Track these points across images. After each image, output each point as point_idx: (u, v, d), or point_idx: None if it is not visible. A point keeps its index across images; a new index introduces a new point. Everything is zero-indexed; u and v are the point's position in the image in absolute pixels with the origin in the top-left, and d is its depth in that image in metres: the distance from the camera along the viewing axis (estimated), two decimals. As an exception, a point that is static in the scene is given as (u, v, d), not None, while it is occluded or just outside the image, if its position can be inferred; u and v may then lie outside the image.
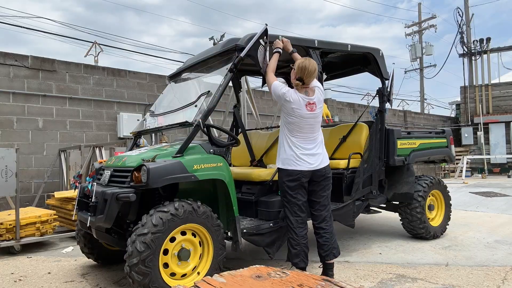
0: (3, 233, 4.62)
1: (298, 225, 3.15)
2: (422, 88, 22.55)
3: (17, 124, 6.99)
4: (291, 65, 3.31)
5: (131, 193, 2.90)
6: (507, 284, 3.20)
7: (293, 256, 3.13)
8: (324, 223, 3.21)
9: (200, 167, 3.03)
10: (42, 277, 3.74)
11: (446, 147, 5.20)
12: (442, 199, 4.97)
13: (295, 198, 3.14)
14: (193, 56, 4.32)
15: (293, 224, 3.14)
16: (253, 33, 3.43)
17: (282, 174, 3.18)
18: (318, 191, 3.21)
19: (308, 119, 3.11)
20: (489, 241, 4.67)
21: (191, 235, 3.01)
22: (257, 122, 8.69)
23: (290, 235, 3.17)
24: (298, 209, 3.15)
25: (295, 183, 3.12)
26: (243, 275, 2.18)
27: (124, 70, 8.52)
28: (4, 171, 4.56)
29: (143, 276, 2.69)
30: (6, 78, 6.91)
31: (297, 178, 3.11)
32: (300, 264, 3.12)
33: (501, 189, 10.19)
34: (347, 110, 13.97)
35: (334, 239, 3.23)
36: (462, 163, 14.77)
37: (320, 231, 3.21)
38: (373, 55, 4.42)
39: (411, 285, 3.22)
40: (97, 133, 8.00)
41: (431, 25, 22.01)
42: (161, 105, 4.15)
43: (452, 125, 19.17)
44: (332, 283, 2.03)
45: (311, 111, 3.10)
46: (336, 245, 3.23)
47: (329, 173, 3.24)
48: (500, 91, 18.04)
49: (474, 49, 18.56)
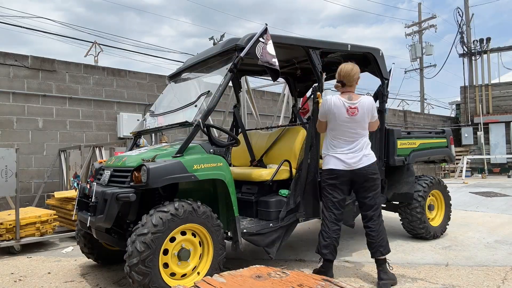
0: (3, 233, 4.61)
1: (332, 221, 3.31)
2: (422, 88, 22.56)
3: (17, 124, 6.99)
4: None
5: (131, 193, 2.90)
6: (507, 284, 3.20)
7: (323, 247, 3.27)
8: (371, 222, 3.29)
9: (200, 167, 3.03)
10: (42, 277, 3.74)
11: (446, 147, 5.20)
12: (442, 199, 4.97)
13: (331, 195, 3.31)
14: (193, 56, 4.32)
15: (327, 219, 3.32)
16: (253, 33, 3.43)
17: (323, 171, 3.39)
18: (361, 192, 3.31)
19: (348, 124, 3.22)
20: (489, 241, 4.67)
21: (191, 235, 3.01)
22: (257, 122, 8.70)
23: (322, 228, 3.33)
24: (332, 205, 3.31)
25: (332, 181, 3.29)
26: (243, 275, 2.18)
27: (124, 70, 8.52)
28: (4, 171, 4.56)
29: (143, 276, 2.69)
30: (6, 78, 6.91)
31: (335, 177, 3.27)
32: (328, 256, 3.25)
33: (501, 189, 10.19)
34: (347, 110, 13.97)
35: (381, 238, 3.28)
36: (462, 163, 14.77)
37: (367, 229, 3.32)
38: (373, 55, 4.41)
39: (411, 285, 3.22)
40: (97, 133, 8.00)
41: (431, 25, 22.03)
42: (161, 105, 4.15)
43: (452, 125, 19.17)
44: (332, 283, 2.03)
45: (352, 116, 3.20)
46: (383, 243, 3.27)
47: (371, 174, 3.26)
48: (500, 91, 18.04)
49: (474, 49, 18.57)
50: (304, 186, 3.69)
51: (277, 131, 4.29)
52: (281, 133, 4.20)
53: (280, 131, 4.24)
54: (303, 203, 3.67)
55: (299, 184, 3.67)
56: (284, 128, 4.25)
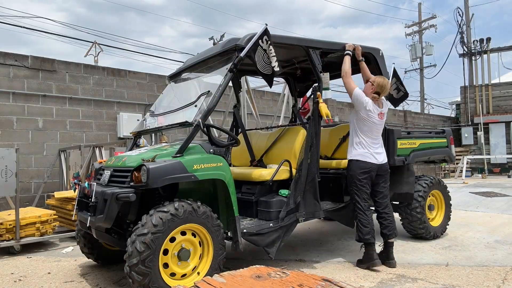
0: (3, 233, 4.61)
1: (367, 209, 3.82)
2: (422, 88, 22.56)
3: (17, 124, 6.99)
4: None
5: (131, 193, 2.90)
6: (507, 284, 3.20)
7: (365, 234, 3.73)
8: (387, 209, 3.90)
9: (200, 167, 3.03)
10: (42, 277, 3.74)
11: (446, 147, 5.19)
12: (442, 199, 4.97)
13: (365, 187, 3.80)
14: (193, 56, 4.32)
15: (363, 208, 3.79)
16: (253, 33, 3.43)
17: (355, 167, 3.81)
18: (381, 183, 3.90)
19: (378, 125, 3.84)
20: (489, 241, 4.67)
21: (191, 235, 3.01)
22: (257, 122, 8.69)
23: (361, 217, 3.78)
24: (366, 196, 3.83)
25: (366, 174, 3.79)
26: (243, 275, 2.18)
27: (124, 70, 8.52)
28: (4, 171, 4.56)
29: (143, 276, 2.69)
30: (6, 78, 6.91)
31: (369, 171, 3.78)
32: (371, 240, 3.72)
33: (501, 189, 10.18)
34: (347, 110, 13.97)
35: (394, 222, 3.92)
36: (462, 163, 14.77)
37: (384, 215, 3.88)
38: (373, 55, 4.41)
39: (411, 285, 3.22)
40: (97, 133, 8.00)
41: (431, 25, 22.00)
42: (161, 105, 4.15)
43: (452, 125, 19.17)
44: (332, 283, 2.03)
45: (381, 119, 3.84)
46: (395, 227, 3.91)
47: (388, 168, 3.97)
48: (500, 91, 18.03)
49: (474, 49, 18.55)
50: (304, 186, 3.69)
51: (277, 131, 4.29)
52: (281, 133, 4.20)
53: (280, 131, 4.24)
54: (303, 203, 3.67)
55: (299, 184, 3.67)
56: (284, 128, 4.25)
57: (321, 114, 3.78)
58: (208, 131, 3.21)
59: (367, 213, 3.80)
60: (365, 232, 3.74)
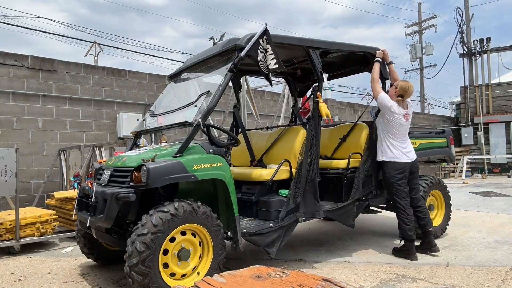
0: (3, 233, 4.61)
1: (408, 207, 4.02)
2: (422, 88, 22.56)
3: (17, 124, 6.99)
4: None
5: (131, 193, 2.89)
6: (507, 284, 3.20)
7: (408, 231, 3.97)
8: (421, 202, 4.18)
9: (200, 167, 3.03)
10: (42, 277, 3.74)
11: (446, 147, 5.19)
12: (442, 199, 4.96)
13: (402, 186, 4.03)
14: (193, 56, 4.31)
15: (404, 206, 4.01)
16: (253, 33, 3.43)
17: (390, 169, 4.05)
18: (412, 179, 4.14)
19: (404, 126, 4.07)
20: (489, 241, 4.67)
21: (191, 235, 3.01)
22: (257, 122, 8.69)
23: (402, 216, 4.01)
24: (405, 195, 4.03)
25: (402, 174, 4.02)
26: (243, 275, 2.18)
27: (124, 70, 8.52)
28: (4, 171, 4.55)
29: (143, 276, 2.69)
30: (6, 78, 6.91)
31: (403, 170, 4.02)
32: (413, 237, 3.97)
33: (501, 189, 10.18)
34: (347, 110, 13.97)
35: (429, 213, 4.25)
36: (462, 163, 14.76)
37: (419, 208, 4.12)
38: (373, 55, 4.41)
39: (411, 285, 3.22)
40: (97, 133, 8.00)
41: (431, 25, 22.02)
42: (161, 105, 4.15)
43: (452, 125, 19.16)
44: (332, 283, 2.03)
45: (407, 120, 4.07)
46: (430, 218, 4.21)
47: (418, 164, 4.23)
48: (500, 91, 18.03)
49: (474, 49, 18.54)
50: (304, 186, 3.69)
51: (277, 131, 4.29)
52: (281, 133, 4.20)
53: (280, 131, 4.24)
54: (303, 203, 3.67)
55: (299, 184, 3.67)
56: (284, 128, 4.24)
57: (321, 114, 3.78)
58: (208, 131, 3.21)
59: (408, 211, 4.00)
60: (408, 230, 3.97)
